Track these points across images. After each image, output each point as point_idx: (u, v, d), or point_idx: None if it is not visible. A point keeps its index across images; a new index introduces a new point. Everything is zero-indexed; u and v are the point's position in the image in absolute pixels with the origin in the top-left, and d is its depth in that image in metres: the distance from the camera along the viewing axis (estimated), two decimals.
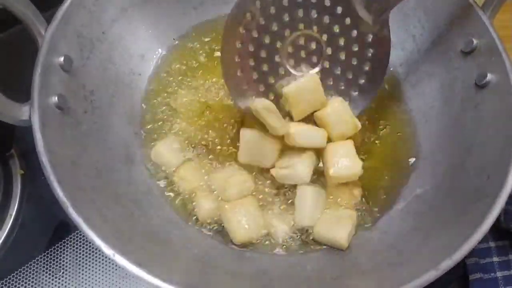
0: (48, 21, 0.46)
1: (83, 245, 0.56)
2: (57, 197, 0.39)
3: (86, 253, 0.56)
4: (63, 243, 0.56)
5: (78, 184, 0.42)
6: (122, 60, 0.56)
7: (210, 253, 0.48)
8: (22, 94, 0.43)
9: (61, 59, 0.46)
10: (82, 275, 0.54)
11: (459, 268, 0.54)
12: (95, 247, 0.37)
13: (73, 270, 0.55)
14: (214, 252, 0.48)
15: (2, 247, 0.54)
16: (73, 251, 0.56)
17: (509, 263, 0.54)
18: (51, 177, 0.39)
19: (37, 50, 0.44)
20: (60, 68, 0.46)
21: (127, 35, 0.57)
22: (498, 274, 0.53)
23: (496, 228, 0.54)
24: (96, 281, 0.54)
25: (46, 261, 0.55)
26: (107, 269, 0.55)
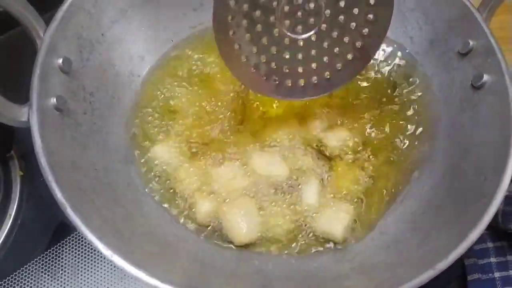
0: (47, 23, 0.46)
1: (83, 246, 0.56)
2: (56, 198, 0.39)
3: (86, 254, 0.56)
4: (63, 244, 0.56)
5: (77, 185, 0.42)
6: (122, 62, 0.56)
7: (209, 254, 0.48)
8: (21, 96, 0.43)
9: (60, 61, 0.46)
10: (82, 276, 0.54)
11: (458, 269, 0.54)
12: (94, 248, 0.38)
13: (73, 271, 0.55)
14: (213, 253, 0.48)
15: (2, 248, 0.54)
16: (73, 252, 0.56)
17: (507, 264, 0.54)
18: (49, 178, 0.39)
19: (36, 52, 0.44)
20: (59, 70, 0.46)
21: (127, 37, 0.57)
22: (496, 275, 0.54)
23: (494, 229, 0.55)
24: (96, 282, 0.54)
25: (46, 262, 0.55)
26: (107, 270, 0.55)
